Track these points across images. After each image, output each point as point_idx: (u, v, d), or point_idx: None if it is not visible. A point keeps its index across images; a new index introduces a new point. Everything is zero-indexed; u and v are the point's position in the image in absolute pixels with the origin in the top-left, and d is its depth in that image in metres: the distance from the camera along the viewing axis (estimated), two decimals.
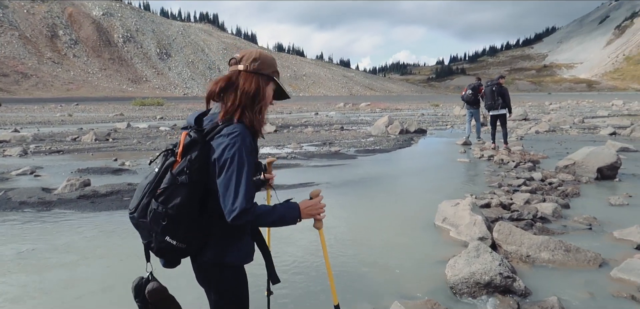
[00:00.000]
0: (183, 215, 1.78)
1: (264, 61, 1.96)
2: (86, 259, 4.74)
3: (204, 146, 1.82)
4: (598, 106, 45.75)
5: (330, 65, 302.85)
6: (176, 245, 1.81)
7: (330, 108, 50.67)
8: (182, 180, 1.77)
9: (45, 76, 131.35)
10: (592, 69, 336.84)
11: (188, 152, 1.82)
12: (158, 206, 1.77)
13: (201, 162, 1.80)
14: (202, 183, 1.82)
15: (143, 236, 1.91)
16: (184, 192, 1.77)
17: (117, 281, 4.21)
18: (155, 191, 1.81)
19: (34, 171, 9.84)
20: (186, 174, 1.77)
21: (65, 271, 4.42)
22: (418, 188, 8.57)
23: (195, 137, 1.83)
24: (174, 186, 1.77)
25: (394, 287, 4.01)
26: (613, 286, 3.93)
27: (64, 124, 25.44)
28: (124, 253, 4.93)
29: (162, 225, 1.78)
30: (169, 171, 1.81)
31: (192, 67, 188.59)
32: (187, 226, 1.81)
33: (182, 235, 1.81)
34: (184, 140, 1.84)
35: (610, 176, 8.68)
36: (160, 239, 1.81)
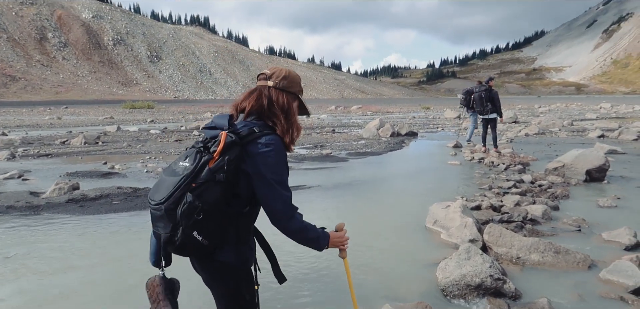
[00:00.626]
0: (215, 212, 1.84)
1: (292, 80, 2.10)
2: (74, 264, 4.68)
3: (241, 149, 1.90)
4: (586, 109, 46.25)
5: (322, 68, 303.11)
6: (201, 240, 1.84)
7: (322, 111, 50.68)
8: (220, 178, 1.83)
9: (34, 79, 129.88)
10: (581, 73, 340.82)
11: (227, 152, 1.87)
12: (194, 199, 1.78)
13: (237, 164, 1.88)
14: (232, 185, 1.89)
15: (162, 228, 1.85)
16: (220, 190, 1.83)
17: (106, 285, 4.16)
18: (190, 185, 1.81)
19: (22, 175, 9.71)
20: (224, 172, 1.84)
21: (53, 276, 4.36)
22: (409, 191, 8.59)
23: (236, 139, 1.89)
24: (211, 183, 1.81)
25: (384, 289, 4.01)
26: (602, 287, 3.96)
27: (53, 127, 25.16)
28: (112, 258, 4.87)
29: (194, 219, 1.79)
30: (207, 167, 1.84)
31: (183, 70, 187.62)
32: (215, 224, 1.86)
33: (209, 232, 1.85)
34: (225, 140, 1.88)
35: (598, 179, 8.77)
36: (187, 233, 1.81)
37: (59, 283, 4.21)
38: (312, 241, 2.07)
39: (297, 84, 2.11)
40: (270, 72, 2.10)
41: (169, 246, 1.88)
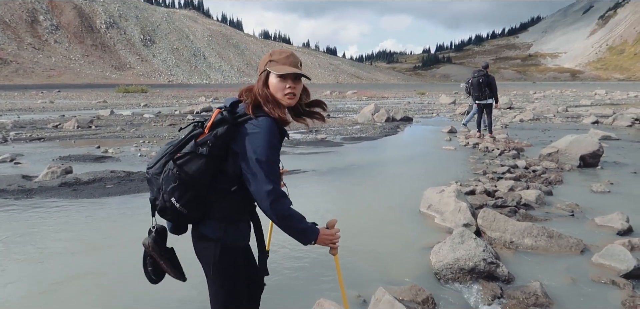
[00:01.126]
0: (194, 183, 1.90)
1: (261, 63, 2.11)
2: (67, 248, 4.66)
3: (232, 127, 1.94)
4: (581, 95, 46.44)
5: (317, 53, 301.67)
6: (179, 208, 1.92)
7: (317, 95, 50.48)
8: (203, 151, 1.90)
9: (25, 62, 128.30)
10: (576, 59, 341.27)
11: (216, 127, 1.94)
12: (174, 167, 1.90)
13: (225, 141, 1.93)
14: (219, 160, 1.94)
15: (152, 192, 2.03)
16: (201, 163, 1.90)
17: (97, 268, 4.14)
18: (175, 154, 1.93)
19: (14, 159, 9.63)
20: (208, 146, 1.90)
21: (45, 259, 4.34)
22: (403, 176, 8.60)
23: (226, 116, 1.95)
24: (193, 154, 1.91)
25: (379, 273, 4.02)
26: (594, 271, 3.99)
27: (46, 111, 24.93)
28: (106, 241, 4.85)
29: (171, 185, 1.90)
30: (194, 140, 1.94)
31: (177, 54, 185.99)
32: (194, 195, 1.92)
33: (186, 201, 1.92)
34: (215, 116, 1.96)
35: (592, 164, 8.82)
36: (166, 198, 1.93)
37: (51, 267, 4.18)
38: (298, 232, 2.02)
39: (262, 63, 2.10)
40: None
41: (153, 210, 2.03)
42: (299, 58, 2.14)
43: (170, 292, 3.60)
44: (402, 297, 3.45)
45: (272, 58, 2.07)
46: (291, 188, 2.07)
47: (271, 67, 2.04)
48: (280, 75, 2.02)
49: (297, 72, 2.05)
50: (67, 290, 3.73)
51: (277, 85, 2.03)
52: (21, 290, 3.73)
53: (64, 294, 3.65)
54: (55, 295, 3.64)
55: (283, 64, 2.04)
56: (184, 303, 3.45)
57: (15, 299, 3.58)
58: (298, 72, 2.06)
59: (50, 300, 3.56)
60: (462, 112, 23.02)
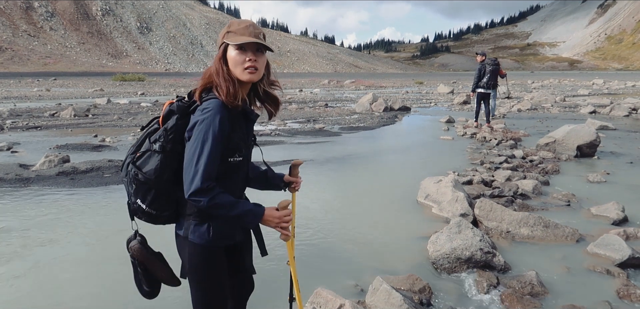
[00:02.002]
0: (153, 182, 1.80)
1: (219, 37, 1.92)
2: (64, 238, 4.66)
3: (182, 118, 1.82)
4: (579, 85, 46.46)
5: (315, 42, 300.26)
6: (146, 209, 1.85)
7: (315, 85, 50.42)
8: (156, 148, 1.80)
9: (20, 50, 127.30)
10: (575, 48, 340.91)
11: (166, 120, 1.84)
12: (133, 169, 1.82)
13: (176, 133, 1.81)
14: (175, 154, 1.81)
15: (127, 196, 1.93)
16: (157, 160, 1.79)
17: (96, 257, 4.16)
18: (135, 154, 1.85)
19: (10, 148, 9.60)
20: (160, 142, 1.80)
21: (42, 249, 4.35)
22: (401, 166, 8.62)
23: (173, 107, 1.84)
24: (149, 153, 1.81)
25: (376, 263, 4.05)
26: (589, 260, 4.03)
27: (42, 99, 24.81)
28: (104, 230, 4.86)
29: (133, 187, 1.83)
30: (148, 138, 1.85)
31: (174, 42, 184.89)
32: (157, 193, 1.83)
33: (151, 201, 1.83)
34: (165, 108, 1.86)
35: (589, 154, 8.85)
36: (133, 200, 1.87)
37: (48, 256, 4.19)
38: (236, 219, 1.80)
39: (220, 37, 1.90)
40: None
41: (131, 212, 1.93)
42: (262, 30, 1.90)
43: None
44: (399, 286, 3.48)
45: (230, 29, 1.86)
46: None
47: (229, 39, 1.83)
48: (239, 46, 1.81)
49: (258, 41, 1.82)
50: (63, 278, 3.74)
51: (236, 58, 1.82)
52: (18, 280, 3.74)
53: (61, 283, 3.67)
54: (52, 284, 3.65)
55: (241, 34, 1.83)
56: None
57: (12, 288, 3.59)
58: (259, 41, 1.83)
59: (47, 289, 3.57)
60: (460, 101, 23.03)
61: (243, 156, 1.93)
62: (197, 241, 1.87)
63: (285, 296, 3.44)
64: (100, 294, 3.50)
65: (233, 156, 1.88)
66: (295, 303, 2.32)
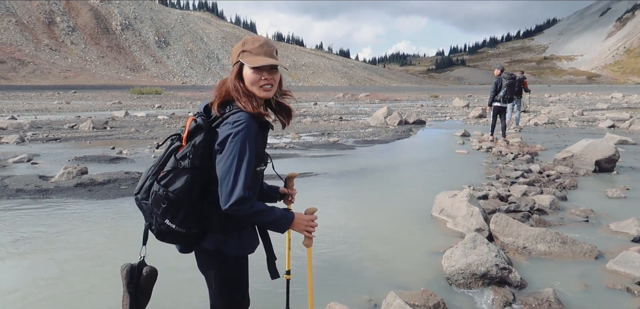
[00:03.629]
0: (183, 199, 1.80)
1: (234, 52, 1.98)
2: (82, 248, 4.73)
3: (209, 132, 1.84)
4: (597, 99, 45.73)
5: (330, 56, 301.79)
6: (175, 229, 1.83)
7: (329, 98, 50.56)
8: (185, 165, 1.80)
9: (42, 63, 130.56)
10: (593, 62, 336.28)
11: (193, 137, 1.84)
12: (159, 188, 1.81)
13: (205, 148, 1.82)
14: (205, 170, 1.84)
15: (145, 218, 1.93)
16: (186, 177, 1.80)
17: (112, 270, 4.20)
18: (158, 174, 1.85)
19: (31, 159, 9.81)
20: (189, 159, 1.80)
21: (60, 260, 4.42)
22: (416, 179, 8.57)
23: (200, 122, 1.85)
24: (176, 170, 1.81)
25: (390, 277, 4.02)
26: (608, 278, 3.94)
27: (62, 112, 25.34)
28: (120, 241, 4.92)
29: (162, 207, 1.81)
30: (173, 155, 1.84)
31: (191, 56, 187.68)
32: (187, 211, 1.83)
33: (182, 220, 1.83)
34: (189, 126, 1.86)
35: (608, 169, 8.69)
36: (160, 221, 1.84)
37: (65, 266, 4.26)
38: (270, 225, 1.91)
39: (234, 53, 1.97)
40: None
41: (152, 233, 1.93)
42: (274, 46, 1.99)
43: (179, 294, 3.65)
44: (413, 302, 3.45)
45: (244, 48, 1.92)
46: (303, 192, 2.05)
47: (244, 58, 1.90)
48: (255, 68, 1.88)
49: (274, 63, 1.91)
50: (79, 288, 3.79)
51: (252, 77, 1.89)
52: (36, 289, 3.80)
53: (77, 293, 3.72)
54: (69, 294, 3.71)
55: (257, 54, 1.90)
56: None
57: (30, 299, 3.65)
58: (274, 63, 1.91)
59: (64, 299, 3.62)
60: (476, 115, 22.86)
61: (265, 164, 2.03)
62: (231, 253, 1.94)
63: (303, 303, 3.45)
64: (117, 305, 3.54)
65: (260, 166, 1.97)
66: None
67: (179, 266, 3.84)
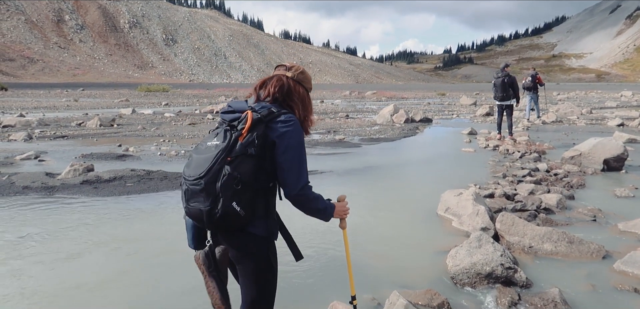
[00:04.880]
0: (249, 183, 1.97)
1: (307, 77, 2.32)
2: (87, 245, 4.75)
3: (266, 126, 2.04)
4: (607, 97, 45.26)
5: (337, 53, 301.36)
6: (239, 211, 1.95)
7: (336, 96, 50.49)
8: (251, 152, 1.98)
9: (51, 61, 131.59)
10: (602, 59, 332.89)
11: (255, 129, 2.01)
12: (233, 171, 1.93)
13: (263, 140, 2.02)
14: (263, 159, 2.03)
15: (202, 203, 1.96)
16: (252, 163, 1.98)
17: (118, 265, 4.22)
18: (226, 159, 1.95)
19: (38, 156, 9.88)
20: (255, 146, 1.98)
21: (66, 257, 4.44)
22: (421, 178, 8.52)
23: (260, 117, 2.04)
24: (244, 156, 1.96)
25: (394, 276, 3.99)
26: (616, 278, 3.89)
27: (70, 109, 25.52)
28: (125, 239, 4.93)
29: (234, 189, 1.93)
30: (239, 142, 1.98)
31: (198, 54, 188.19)
32: (250, 196, 1.99)
33: (245, 203, 1.97)
34: (252, 118, 2.03)
35: (616, 168, 8.59)
36: (227, 204, 1.93)
37: (71, 263, 4.28)
38: (321, 212, 2.20)
39: (309, 81, 2.32)
40: (290, 65, 2.29)
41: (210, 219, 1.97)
42: None
43: (184, 284, 3.65)
44: (417, 301, 3.42)
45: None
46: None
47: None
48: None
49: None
50: (86, 286, 3.80)
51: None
52: (42, 287, 3.82)
53: (84, 290, 3.73)
54: (75, 291, 3.72)
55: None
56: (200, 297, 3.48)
57: (35, 295, 3.67)
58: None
59: (70, 296, 3.64)
60: (483, 113, 22.72)
61: None
62: (273, 238, 2.19)
63: (306, 302, 3.43)
64: (121, 300, 3.55)
65: None
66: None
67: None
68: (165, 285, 3.81)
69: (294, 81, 2.23)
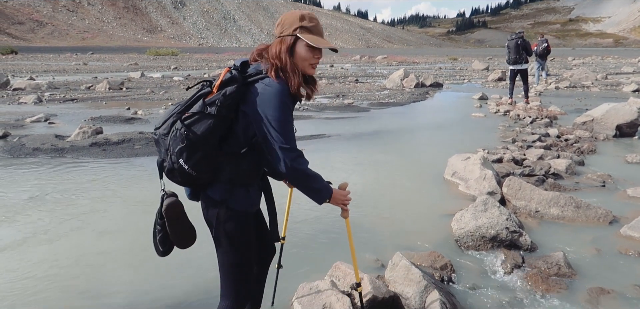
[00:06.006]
0: (202, 143, 1.84)
1: (284, 22, 1.97)
2: (96, 206, 4.82)
3: (242, 86, 1.87)
4: (624, 62, 44.19)
5: (348, 17, 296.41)
6: (187, 170, 1.86)
7: (346, 60, 49.93)
8: (211, 111, 1.83)
9: (60, 24, 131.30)
10: (620, 24, 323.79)
11: (225, 86, 1.87)
12: (182, 127, 1.84)
13: (234, 100, 1.86)
14: (228, 120, 1.88)
15: (159, 154, 1.97)
16: (209, 122, 1.83)
17: (125, 225, 4.28)
18: (182, 114, 1.87)
19: (48, 119, 9.96)
20: (217, 106, 1.83)
21: (74, 217, 4.51)
22: (430, 142, 8.46)
23: (235, 74, 1.88)
24: (201, 115, 1.84)
25: (398, 239, 4.00)
26: (621, 243, 3.86)
27: (79, 73, 25.58)
28: (133, 199, 4.99)
29: (179, 146, 1.84)
30: (202, 100, 1.87)
31: (207, 17, 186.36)
32: (202, 155, 1.86)
33: (195, 162, 1.86)
34: (224, 75, 1.89)
35: (629, 134, 8.45)
36: (174, 160, 1.87)
37: (79, 223, 4.35)
38: (314, 192, 1.99)
39: (289, 24, 1.94)
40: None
41: (161, 170, 1.96)
42: None
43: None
44: (420, 263, 3.43)
45: (303, 24, 1.93)
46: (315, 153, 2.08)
47: (302, 34, 1.92)
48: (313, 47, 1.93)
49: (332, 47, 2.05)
50: (94, 247, 3.87)
51: (305, 55, 1.93)
52: (52, 246, 3.89)
53: (92, 251, 3.80)
54: (83, 251, 3.79)
55: (316, 34, 1.95)
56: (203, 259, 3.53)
57: (45, 254, 3.75)
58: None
59: (79, 255, 3.71)
60: (495, 78, 22.37)
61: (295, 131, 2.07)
62: (235, 207, 1.98)
63: (310, 263, 3.46)
64: (126, 260, 3.61)
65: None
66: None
67: None
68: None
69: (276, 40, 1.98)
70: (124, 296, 3.10)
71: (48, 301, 3.04)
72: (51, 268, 3.46)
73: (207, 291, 3.11)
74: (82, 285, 3.23)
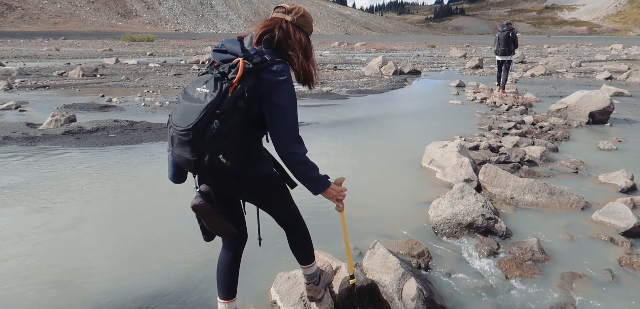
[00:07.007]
0: (237, 136, 1.94)
1: (307, 20, 2.20)
2: (68, 196, 4.70)
3: (257, 76, 1.96)
4: (597, 50, 45.26)
5: (327, 3, 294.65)
6: (225, 162, 1.93)
7: (325, 47, 49.76)
8: (240, 105, 1.92)
9: (31, 8, 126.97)
10: (594, 12, 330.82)
11: (245, 79, 1.94)
12: (221, 125, 1.87)
13: (254, 91, 1.96)
14: (248, 110, 1.98)
15: (189, 153, 1.92)
16: (239, 115, 1.92)
17: (100, 214, 4.19)
18: (216, 112, 1.88)
19: (19, 106, 9.65)
20: (244, 99, 1.92)
21: (45, 208, 4.39)
22: (408, 130, 8.52)
23: (252, 67, 1.96)
24: (233, 109, 1.90)
25: (376, 227, 4.02)
26: (593, 228, 3.96)
27: (51, 59, 24.82)
28: (108, 188, 4.88)
29: (222, 143, 1.89)
30: (228, 94, 1.91)
31: (184, 2, 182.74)
32: (236, 146, 1.96)
33: (230, 154, 1.94)
34: (243, 67, 1.94)
35: (601, 121, 8.66)
36: (214, 156, 1.91)
37: (49, 214, 4.23)
38: (310, 181, 2.13)
39: (310, 24, 2.19)
40: (290, 7, 2.16)
41: (197, 168, 1.98)
42: None
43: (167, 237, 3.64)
44: (398, 250, 3.46)
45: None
46: None
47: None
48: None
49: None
50: (68, 237, 3.78)
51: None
52: (24, 237, 3.78)
53: (65, 241, 3.70)
54: (57, 242, 3.69)
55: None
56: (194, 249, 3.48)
57: (17, 245, 3.64)
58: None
59: (52, 246, 3.61)
60: (472, 65, 22.62)
61: None
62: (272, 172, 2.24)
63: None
64: (102, 250, 3.54)
65: None
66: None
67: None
68: (146, 235, 3.80)
69: (294, 26, 2.13)
70: (101, 285, 3.03)
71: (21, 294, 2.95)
72: (25, 261, 3.36)
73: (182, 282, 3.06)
74: (58, 277, 3.15)
